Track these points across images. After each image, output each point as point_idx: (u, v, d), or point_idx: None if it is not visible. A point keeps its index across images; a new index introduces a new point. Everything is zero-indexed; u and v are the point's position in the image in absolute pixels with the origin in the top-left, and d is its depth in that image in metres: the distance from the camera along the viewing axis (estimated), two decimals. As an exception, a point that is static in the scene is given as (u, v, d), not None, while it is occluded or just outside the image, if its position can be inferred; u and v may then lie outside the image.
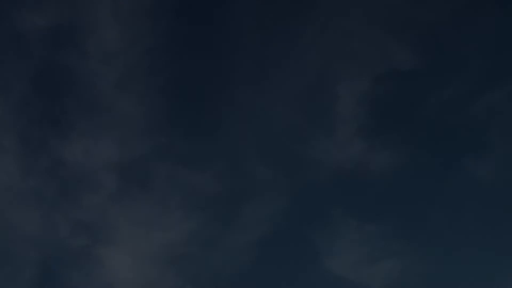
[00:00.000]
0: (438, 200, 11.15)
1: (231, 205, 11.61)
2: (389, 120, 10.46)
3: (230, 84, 8.34)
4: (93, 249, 10.88)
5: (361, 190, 11.52)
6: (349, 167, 11.62)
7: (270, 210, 11.37)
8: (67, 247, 10.75)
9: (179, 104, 11.19)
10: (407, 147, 10.70)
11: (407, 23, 6.87)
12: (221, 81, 8.12)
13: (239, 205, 11.74)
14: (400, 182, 11.67)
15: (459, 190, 11.10)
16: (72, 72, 7.53)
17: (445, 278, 10.88)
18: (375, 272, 10.96)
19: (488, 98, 9.29)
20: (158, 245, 11.85)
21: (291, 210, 11.38)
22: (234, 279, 11.18)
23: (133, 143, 10.41)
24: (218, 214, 11.47)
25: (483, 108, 9.70)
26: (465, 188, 11.09)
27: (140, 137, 10.34)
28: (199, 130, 11.40)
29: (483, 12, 6.34)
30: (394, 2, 6.64)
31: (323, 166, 11.69)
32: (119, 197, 11.37)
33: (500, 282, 9.71)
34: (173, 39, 7.70)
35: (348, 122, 10.69)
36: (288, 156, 10.79)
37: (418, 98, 9.78)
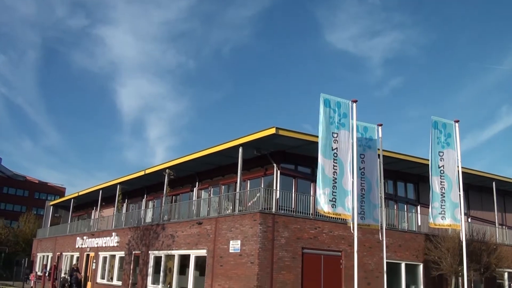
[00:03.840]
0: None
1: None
2: None
3: None
4: (93, 29, 11.17)
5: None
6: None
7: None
8: (67, 28, 11.03)
9: None
10: None
11: None
12: None
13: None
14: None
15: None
16: None
17: (446, 50, 10.72)
18: (376, 45, 11.01)
19: None
20: (157, 23, 11.88)
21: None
22: (235, 54, 11.18)
23: None
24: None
25: None
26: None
27: None
28: None
29: None
30: None
31: None
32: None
33: (503, 53, 9.60)
34: None
35: None
36: None
37: None
